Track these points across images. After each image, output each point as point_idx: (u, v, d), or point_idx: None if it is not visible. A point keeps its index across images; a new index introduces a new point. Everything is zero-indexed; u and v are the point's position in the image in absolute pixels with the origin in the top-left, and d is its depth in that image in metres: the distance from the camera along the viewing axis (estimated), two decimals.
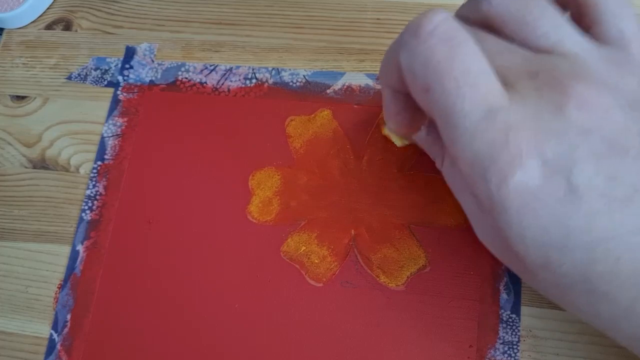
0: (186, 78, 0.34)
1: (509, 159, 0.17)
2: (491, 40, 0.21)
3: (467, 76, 0.18)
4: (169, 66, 0.34)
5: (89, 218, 0.31)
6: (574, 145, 0.17)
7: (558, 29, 0.20)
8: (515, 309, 0.27)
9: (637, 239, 0.17)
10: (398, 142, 0.30)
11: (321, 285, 0.29)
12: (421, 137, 0.26)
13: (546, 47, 0.20)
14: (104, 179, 0.32)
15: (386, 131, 0.30)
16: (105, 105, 0.34)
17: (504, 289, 0.28)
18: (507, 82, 0.19)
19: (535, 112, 0.18)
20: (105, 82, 0.34)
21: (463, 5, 0.23)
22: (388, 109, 0.24)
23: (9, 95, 0.35)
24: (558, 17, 0.20)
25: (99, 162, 0.32)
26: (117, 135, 0.33)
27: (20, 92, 0.35)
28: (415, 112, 0.23)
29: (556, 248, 0.18)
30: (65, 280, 0.30)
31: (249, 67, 0.34)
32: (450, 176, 0.24)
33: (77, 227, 0.31)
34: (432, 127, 0.24)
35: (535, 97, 0.18)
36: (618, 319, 0.19)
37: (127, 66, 0.34)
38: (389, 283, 0.28)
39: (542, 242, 0.18)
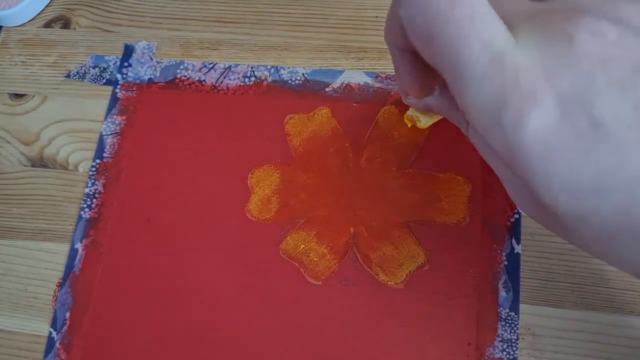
0: (185, 76, 0.34)
1: (522, 99, 0.16)
2: None
3: (470, 21, 0.17)
4: (168, 64, 0.34)
5: (88, 216, 0.31)
6: (590, 76, 0.16)
7: None
8: (514, 307, 0.27)
9: None
10: (422, 121, 0.28)
11: (320, 283, 0.29)
12: (437, 101, 0.25)
13: None
14: (102, 177, 0.32)
15: (409, 113, 0.29)
16: (104, 103, 0.34)
17: (503, 287, 0.28)
18: (510, 27, 0.18)
19: (544, 49, 0.17)
20: (104, 80, 0.34)
21: None
22: (398, 71, 0.23)
23: (8, 94, 0.35)
24: None
25: (98, 160, 0.32)
26: (115, 133, 0.33)
27: (19, 90, 0.35)
28: (426, 70, 0.22)
29: (589, 193, 0.16)
30: (64, 278, 0.30)
31: (248, 65, 0.34)
32: (477, 140, 0.22)
33: (76, 226, 0.31)
34: (446, 86, 0.23)
35: (542, 35, 0.17)
36: None
37: (126, 64, 0.34)
38: (388, 281, 0.28)
39: (572, 189, 0.16)
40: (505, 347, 0.27)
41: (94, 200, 0.31)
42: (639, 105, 0.16)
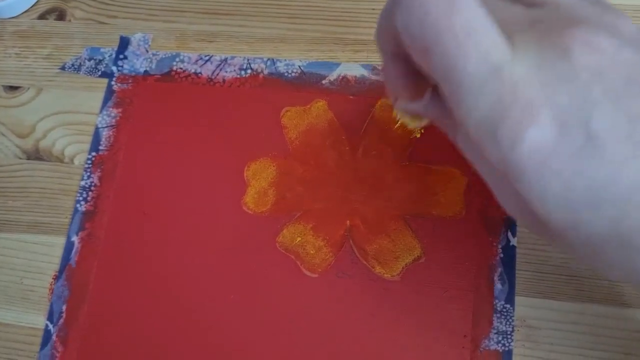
0: (181, 68, 0.34)
1: (520, 114, 0.16)
2: None
3: (468, 32, 0.17)
4: (164, 56, 0.34)
5: (84, 209, 0.31)
6: (587, 89, 0.16)
7: None
8: (510, 299, 0.27)
9: None
10: (411, 123, 0.28)
11: (316, 276, 0.29)
12: (427, 107, 0.25)
13: (539, 0, 0.19)
14: (98, 170, 0.32)
15: (398, 114, 0.28)
16: (100, 95, 0.33)
17: (499, 279, 0.28)
18: (506, 35, 0.18)
19: (540, 63, 0.17)
20: (100, 73, 0.34)
21: None
22: (388, 75, 0.23)
23: (2, 86, 0.35)
24: None
25: (94, 153, 0.32)
26: (111, 126, 0.33)
27: (14, 83, 0.35)
28: (417, 76, 0.22)
29: (582, 205, 0.16)
30: (61, 271, 0.30)
31: (244, 57, 0.33)
32: (466, 146, 0.22)
33: (72, 218, 0.31)
34: (437, 92, 0.23)
35: (538, 48, 0.17)
36: None
37: (122, 56, 0.34)
38: (384, 274, 0.28)
39: (566, 202, 0.16)
40: (500, 339, 0.27)
41: (90, 193, 0.31)
42: (632, 117, 0.16)
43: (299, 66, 0.33)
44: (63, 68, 0.35)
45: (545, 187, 0.16)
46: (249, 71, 0.33)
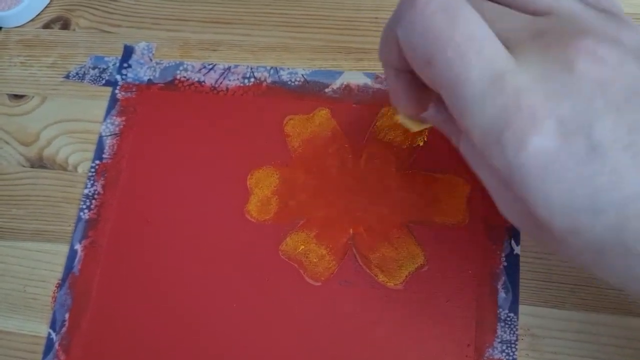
0: (184, 77, 0.34)
1: (523, 123, 0.16)
2: (488, 5, 0.20)
3: (470, 42, 0.17)
4: (167, 65, 0.34)
5: (87, 217, 0.31)
6: (590, 99, 0.16)
7: None
8: (514, 308, 0.27)
9: None
10: (413, 126, 0.28)
11: (319, 284, 0.29)
12: (432, 116, 0.25)
13: (544, 8, 0.19)
14: (102, 178, 0.32)
15: (400, 119, 0.28)
16: (104, 104, 0.34)
17: (502, 288, 0.28)
18: (509, 46, 0.18)
19: (543, 73, 0.17)
20: (104, 81, 0.34)
21: None
22: (392, 89, 0.23)
23: (7, 94, 0.35)
24: None
25: (97, 161, 0.32)
26: (115, 134, 0.33)
27: (18, 91, 0.35)
28: (421, 89, 0.22)
29: (584, 211, 0.16)
30: (64, 279, 0.30)
31: (248, 66, 0.34)
32: (469, 152, 0.22)
33: (75, 226, 0.31)
34: (441, 102, 0.24)
35: (541, 58, 0.17)
36: None
37: (126, 65, 0.34)
38: (387, 282, 0.28)
39: (568, 207, 0.17)
40: (504, 348, 0.27)
41: (93, 201, 0.31)
42: (633, 128, 0.16)
43: (302, 75, 0.33)
44: (67, 77, 0.35)
45: (548, 192, 0.17)
46: (252, 80, 0.33)
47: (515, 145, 0.16)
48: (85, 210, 0.31)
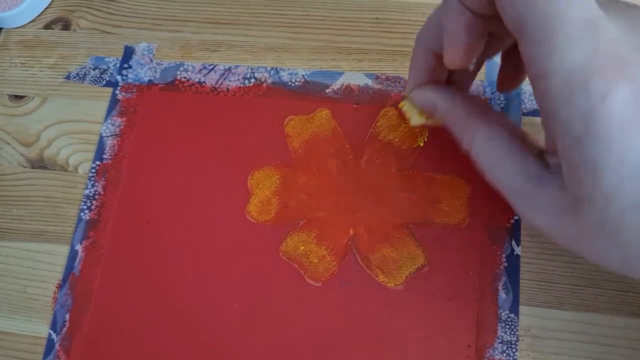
0: (185, 78, 0.34)
1: (615, 67, 0.16)
2: None
3: None
4: (168, 66, 0.34)
5: (88, 218, 0.31)
6: None
7: None
8: (514, 309, 0.27)
9: None
10: (414, 119, 0.28)
11: (320, 284, 0.29)
12: (448, 110, 0.25)
13: None
14: (102, 179, 0.32)
15: (404, 106, 0.28)
16: (104, 104, 0.34)
17: (503, 289, 0.28)
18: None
19: (632, 31, 0.17)
20: (104, 82, 0.34)
21: None
22: (450, 29, 0.22)
23: (7, 95, 0.35)
24: None
25: (98, 162, 0.32)
26: (115, 134, 0.33)
27: (19, 92, 0.35)
28: (478, 37, 0.22)
29: None
30: (64, 280, 0.30)
31: (248, 66, 0.34)
32: (486, 150, 0.22)
33: (76, 227, 0.31)
34: (480, 58, 0.23)
35: (628, 14, 0.18)
36: None
37: (126, 66, 0.34)
38: (387, 283, 0.28)
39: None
40: (505, 348, 0.27)
41: (94, 201, 0.31)
42: None
43: (303, 75, 0.33)
44: (68, 77, 0.35)
45: (625, 148, 0.16)
46: (252, 80, 0.33)
47: (603, 91, 0.16)
48: (86, 211, 0.31)
